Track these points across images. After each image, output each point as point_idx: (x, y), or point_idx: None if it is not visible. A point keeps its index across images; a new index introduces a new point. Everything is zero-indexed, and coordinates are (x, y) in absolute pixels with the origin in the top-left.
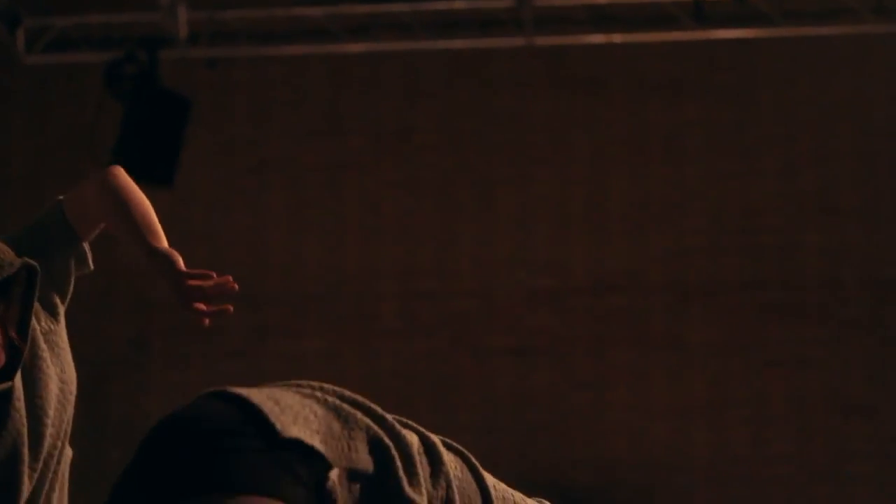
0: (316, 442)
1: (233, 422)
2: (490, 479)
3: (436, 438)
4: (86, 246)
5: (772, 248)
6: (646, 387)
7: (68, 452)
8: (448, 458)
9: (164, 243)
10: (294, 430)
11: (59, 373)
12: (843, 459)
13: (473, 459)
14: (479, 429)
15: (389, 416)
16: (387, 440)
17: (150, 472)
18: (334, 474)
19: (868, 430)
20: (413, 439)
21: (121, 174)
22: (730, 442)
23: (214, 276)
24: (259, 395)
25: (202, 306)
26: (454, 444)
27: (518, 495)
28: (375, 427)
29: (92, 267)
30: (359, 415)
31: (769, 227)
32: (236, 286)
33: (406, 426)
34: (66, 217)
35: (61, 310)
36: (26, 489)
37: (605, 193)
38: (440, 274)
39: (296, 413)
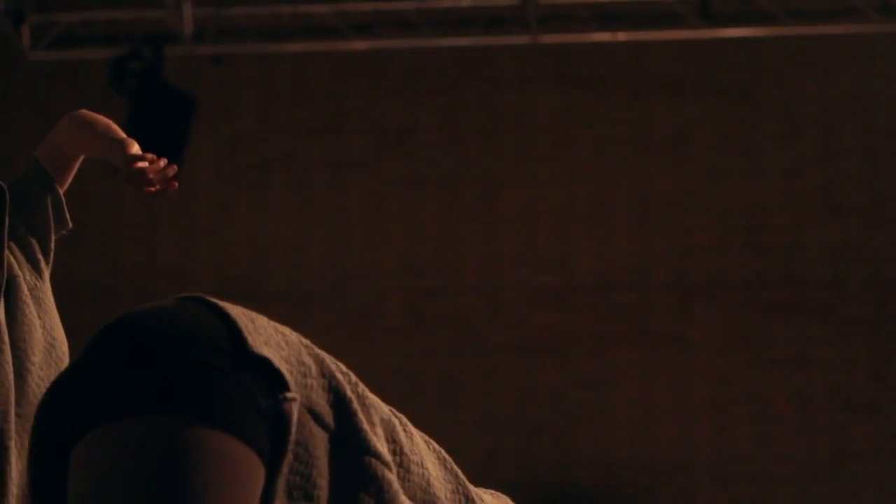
0: (283, 368)
1: (203, 329)
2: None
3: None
4: (62, 194)
5: (776, 246)
6: (649, 384)
7: None
8: (419, 438)
9: (123, 136)
10: (265, 350)
11: (48, 328)
12: (846, 457)
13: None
14: (483, 426)
15: (354, 376)
16: (349, 393)
17: (96, 374)
18: (292, 395)
19: (872, 428)
20: (380, 403)
21: (86, 111)
22: (733, 440)
23: (154, 158)
24: (235, 309)
25: (150, 189)
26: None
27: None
28: (339, 377)
29: (70, 224)
30: (327, 360)
31: (773, 225)
32: (175, 167)
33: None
34: (40, 164)
35: (44, 268)
36: (14, 432)
37: (610, 191)
38: (444, 271)
39: (268, 336)
